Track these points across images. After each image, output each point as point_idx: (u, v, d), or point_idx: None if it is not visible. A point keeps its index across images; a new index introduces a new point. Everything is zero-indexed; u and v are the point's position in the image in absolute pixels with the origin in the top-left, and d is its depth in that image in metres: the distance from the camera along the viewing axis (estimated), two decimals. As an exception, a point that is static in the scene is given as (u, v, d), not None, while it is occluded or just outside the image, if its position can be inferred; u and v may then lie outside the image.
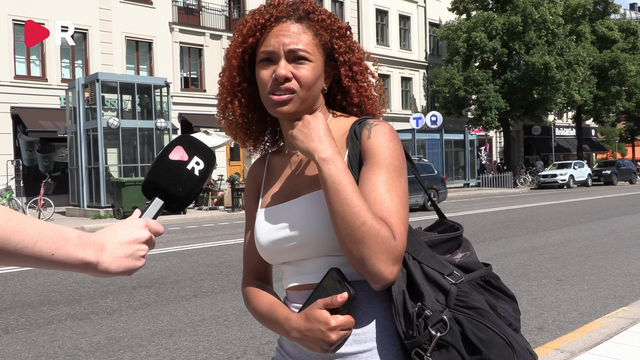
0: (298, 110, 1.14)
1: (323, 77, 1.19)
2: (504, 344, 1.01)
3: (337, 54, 1.18)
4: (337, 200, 1.02)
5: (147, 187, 1.07)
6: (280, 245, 1.15)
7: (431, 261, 1.09)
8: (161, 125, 17.81)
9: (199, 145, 1.10)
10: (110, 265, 0.93)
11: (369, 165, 1.08)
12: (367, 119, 1.15)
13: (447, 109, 32.89)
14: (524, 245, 9.07)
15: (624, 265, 7.21)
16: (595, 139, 50.12)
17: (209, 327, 4.80)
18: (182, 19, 25.03)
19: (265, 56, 1.14)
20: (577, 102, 34.30)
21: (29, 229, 0.83)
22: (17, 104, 20.40)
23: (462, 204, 19.76)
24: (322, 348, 1.05)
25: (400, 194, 1.07)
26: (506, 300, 1.15)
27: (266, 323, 1.19)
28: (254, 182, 1.31)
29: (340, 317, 1.04)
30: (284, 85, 1.12)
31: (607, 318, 4.71)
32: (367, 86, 1.24)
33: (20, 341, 4.58)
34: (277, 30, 1.14)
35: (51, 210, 16.73)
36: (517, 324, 1.13)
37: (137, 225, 0.99)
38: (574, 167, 31.74)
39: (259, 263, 1.28)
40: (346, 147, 1.14)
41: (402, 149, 1.11)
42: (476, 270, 1.14)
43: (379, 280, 1.01)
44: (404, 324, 1.03)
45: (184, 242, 10.68)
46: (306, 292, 1.13)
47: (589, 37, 36.19)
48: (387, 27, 34.23)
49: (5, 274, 7.75)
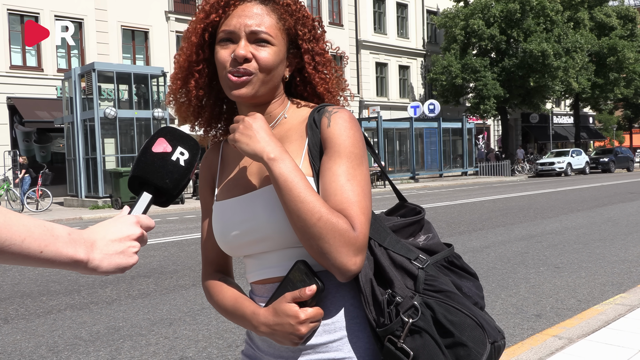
0: (257, 94, 1.11)
1: (285, 64, 1.15)
2: (475, 325, 1.01)
3: (301, 41, 1.15)
4: (290, 199, 1.01)
5: (134, 183, 1.05)
6: (242, 239, 1.12)
7: (397, 247, 1.08)
8: (158, 115, 17.75)
9: (181, 135, 1.08)
10: (101, 262, 0.91)
11: (330, 154, 1.06)
12: (326, 106, 1.12)
13: (445, 97, 32.84)
14: (522, 233, 9.09)
15: (621, 253, 7.24)
16: (593, 127, 50.13)
17: (208, 316, 4.82)
18: (178, 7, 24.86)
19: (225, 36, 1.10)
20: (575, 89, 34.25)
21: (16, 226, 0.81)
22: (13, 95, 20.31)
23: (460, 192, 19.78)
24: (292, 341, 1.05)
25: (362, 182, 1.05)
26: (469, 278, 1.15)
27: (232, 318, 1.16)
28: (208, 171, 1.26)
29: (309, 309, 1.03)
30: (242, 66, 1.08)
31: (604, 305, 4.73)
32: (330, 78, 1.20)
33: (20, 331, 4.59)
34: (240, 10, 1.10)
35: (49, 200, 16.70)
36: (481, 301, 1.14)
37: (128, 222, 0.97)
38: (571, 155, 31.76)
39: (219, 255, 1.24)
40: (306, 135, 1.12)
41: (362, 136, 1.10)
42: (439, 251, 1.15)
43: (343, 273, 1.01)
44: (374, 311, 1.03)
45: (182, 231, 10.68)
46: (272, 286, 1.11)
47: (587, 24, 36.06)
48: (384, 15, 34.05)
49: (2, 264, 7.75)
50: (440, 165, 28.67)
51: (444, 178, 28.42)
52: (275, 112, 1.18)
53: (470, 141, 30.65)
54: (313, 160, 1.09)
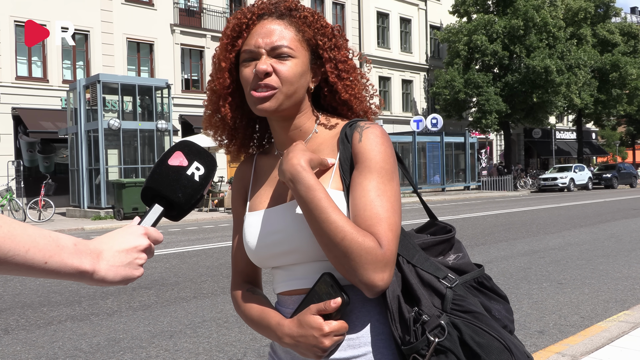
0: (281, 107, 1.12)
1: (309, 75, 1.16)
2: (502, 348, 1.00)
3: (322, 50, 1.16)
4: (311, 220, 1.02)
5: (147, 194, 1.05)
6: (271, 250, 1.13)
7: (426, 264, 1.08)
8: (162, 127, 17.81)
9: (199, 151, 1.08)
10: (107, 274, 0.90)
11: (360, 169, 1.07)
12: (359, 121, 1.13)
13: (448, 111, 32.92)
14: (525, 249, 9.06)
15: (625, 269, 7.20)
16: (596, 143, 50.14)
17: (209, 329, 4.80)
18: (183, 20, 25.06)
19: (247, 55, 1.13)
20: (577, 105, 34.32)
21: (21, 236, 0.79)
22: (18, 105, 20.42)
23: (462, 206, 19.75)
24: (315, 354, 1.05)
25: (391, 198, 1.05)
26: (499, 301, 1.14)
27: (257, 328, 1.17)
28: (241, 183, 1.28)
29: (333, 322, 1.03)
30: (263, 81, 1.09)
31: (608, 322, 4.70)
32: (355, 85, 1.21)
33: (21, 342, 4.58)
34: (258, 27, 1.12)
35: (52, 211, 16.72)
36: (511, 325, 1.13)
37: (135, 233, 0.96)
38: (574, 171, 31.73)
39: (248, 266, 1.25)
40: (337, 150, 1.13)
41: (393, 152, 1.10)
42: (469, 272, 1.14)
43: (371, 289, 1.01)
44: (400, 329, 1.02)
45: (184, 243, 10.67)
46: (298, 297, 1.12)
47: (590, 40, 36.22)
48: (388, 29, 34.27)
49: (5, 274, 7.73)
50: (443, 179, 28.66)
51: (446, 192, 28.38)
52: (305, 126, 1.19)
53: (473, 155, 30.65)
54: (344, 174, 1.09)
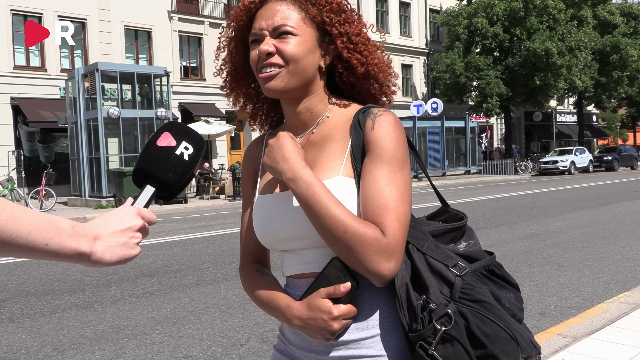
0: (287, 86, 1.12)
1: (318, 53, 1.15)
2: (509, 339, 1.01)
3: (329, 27, 1.15)
4: (312, 217, 1.03)
5: (137, 176, 1.06)
6: (280, 234, 1.14)
7: (435, 252, 1.08)
8: (161, 115, 17.77)
9: (187, 131, 1.09)
10: (104, 254, 0.92)
11: (372, 157, 1.07)
12: (372, 108, 1.13)
13: (448, 95, 32.78)
14: (526, 232, 9.08)
15: (625, 251, 7.23)
16: (597, 125, 49.99)
17: (212, 315, 4.83)
18: (181, 7, 24.88)
19: (253, 38, 1.15)
20: (578, 88, 34.15)
21: (22, 219, 0.81)
22: (17, 95, 20.36)
23: (463, 191, 19.76)
24: (324, 337, 1.06)
25: (401, 187, 1.05)
26: (509, 289, 1.14)
27: (266, 309, 1.18)
28: (251, 163, 1.29)
29: (342, 306, 1.05)
30: (267, 61, 1.11)
31: (609, 303, 4.73)
32: (373, 54, 1.19)
33: (25, 330, 4.61)
34: (261, 12, 1.14)
35: (53, 200, 16.75)
36: (520, 314, 1.13)
37: (129, 214, 0.98)
38: (575, 154, 31.69)
39: (257, 246, 1.26)
40: (349, 136, 1.13)
41: (405, 140, 1.10)
42: (480, 259, 1.14)
43: (378, 279, 1.02)
44: (408, 316, 1.03)
45: (186, 231, 10.70)
46: (307, 281, 1.13)
47: (590, 22, 35.91)
48: (387, 13, 34.02)
49: (9, 263, 7.78)
50: (444, 164, 28.63)
51: (447, 177, 28.38)
52: (317, 109, 1.19)
53: (474, 140, 30.60)
54: (355, 161, 1.10)
